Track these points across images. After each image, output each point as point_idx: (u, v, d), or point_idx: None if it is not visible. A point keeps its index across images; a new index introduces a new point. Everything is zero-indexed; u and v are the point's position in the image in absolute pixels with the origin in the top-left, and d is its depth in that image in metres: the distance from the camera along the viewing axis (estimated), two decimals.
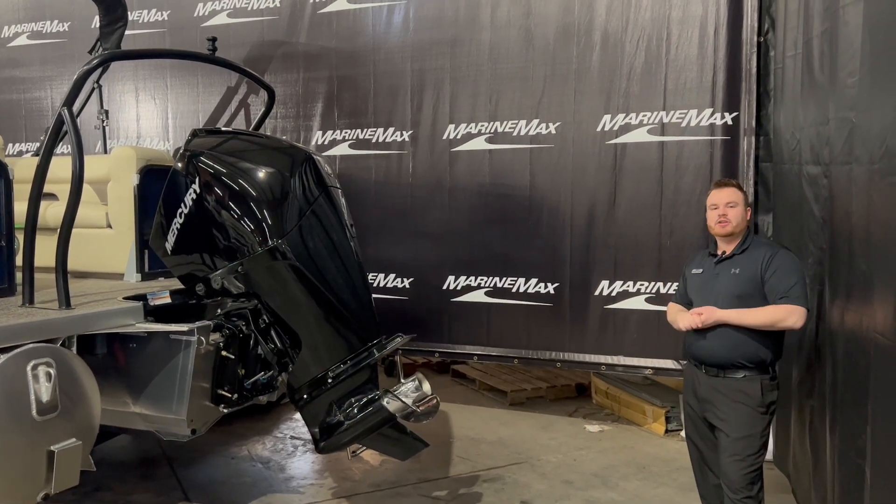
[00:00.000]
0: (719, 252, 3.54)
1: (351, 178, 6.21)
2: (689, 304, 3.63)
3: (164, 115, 6.98)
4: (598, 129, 5.43)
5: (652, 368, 5.36)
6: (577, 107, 5.49)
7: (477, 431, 5.89)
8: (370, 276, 6.17)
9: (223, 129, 4.26)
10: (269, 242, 3.71)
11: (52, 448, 3.20)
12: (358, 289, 3.93)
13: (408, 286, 6.11)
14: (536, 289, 5.69)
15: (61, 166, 4.03)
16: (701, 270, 3.59)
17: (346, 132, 6.26)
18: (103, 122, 6.22)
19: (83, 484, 3.68)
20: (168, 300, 4.04)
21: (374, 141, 6.17)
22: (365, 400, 3.82)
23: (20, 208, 3.84)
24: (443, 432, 5.87)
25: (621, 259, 5.40)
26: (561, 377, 6.95)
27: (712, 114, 5.12)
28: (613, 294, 5.44)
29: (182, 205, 3.82)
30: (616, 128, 5.38)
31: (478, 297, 5.88)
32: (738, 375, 3.34)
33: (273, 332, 3.93)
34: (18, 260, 3.82)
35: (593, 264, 5.50)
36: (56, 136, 3.75)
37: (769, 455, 4.91)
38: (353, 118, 6.23)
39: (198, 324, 3.74)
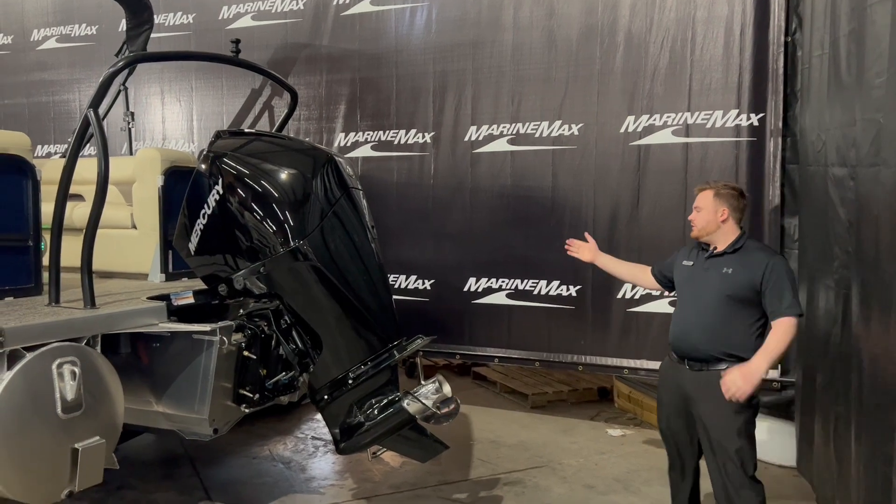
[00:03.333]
0: (710, 247, 3.52)
1: (373, 180, 6.23)
2: (668, 282, 3.78)
3: (188, 116, 7.05)
4: (622, 130, 5.39)
5: None
6: (600, 108, 5.46)
7: (497, 434, 5.87)
8: (391, 278, 6.18)
9: (246, 130, 4.29)
10: (291, 243, 3.73)
11: (76, 446, 3.24)
12: (379, 290, 3.94)
13: (429, 288, 6.11)
14: (558, 291, 5.66)
15: (87, 168, 4.09)
16: (691, 263, 3.57)
17: (368, 134, 6.28)
18: (129, 123, 6.29)
19: (107, 482, 3.73)
20: (191, 300, 4.07)
21: (395, 143, 6.17)
22: (385, 401, 3.82)
23: (47, 209, 3.90)
24: (463, 434, 5.86)
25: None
26: (582, 380, 6.91)
27: (738, 115, 5.06)
28: (637, 297, 5.40)
29: (205, 206, 3.84)
30: (640, 129, 5.34)
31: (499, 298, 5.86)
32: (722, 367, 3.31)
33: (294, 333, 3.94)
34: (45, 260, 3.88)
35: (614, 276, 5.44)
36: (82, 137, 3.80)
37: (793, 461, 4.86)
38: (376, 120, 6.24)
39: (220, 324, 3.76)
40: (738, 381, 3.18)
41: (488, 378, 7.38)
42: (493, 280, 5.88)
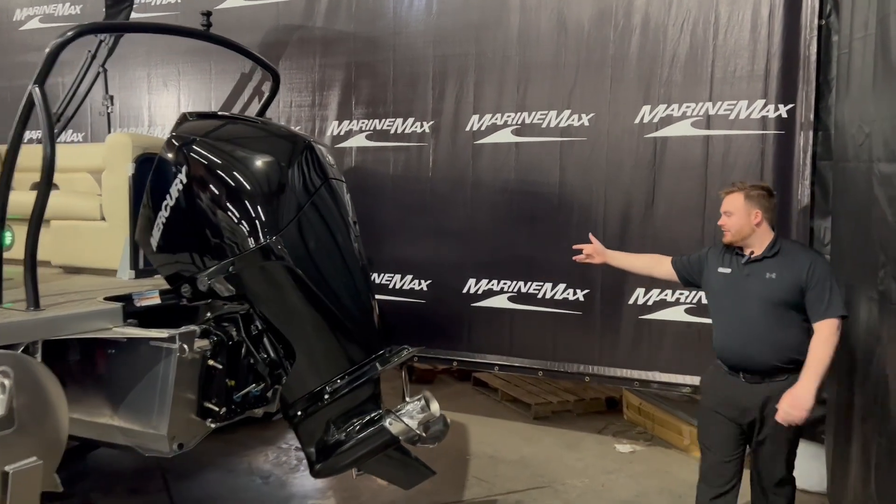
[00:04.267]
0: (746, 252, 3.37)
1: (367, 172, 5.83)
2: (689, 280, 3.64)
3: (175, 102, 6.64)
4: (636, 121, 4.94)
5: (690, 386, 4.86)
6: (612, 96, 5.00)
7: (496, 448, 5.44)
8: (385, 278, 5.78)
9: (216, 112, 3.89)
10: (262, 240, 3.31)
11: (6, 469, 2.83)
12: (360, 294, 3.52)
13: (425, 289, 5.69)
14: (564, 295, 5.22)
15: (65, 155, 3.68)
16: (729, 270, 3.40)
17: (363, 122, 5.85)
18: (108, 108, 5.88)
19: (66, 497, 3.42)
20: (157, 301, 3.67)
21: (392, 132, 5.75)
22: (366, 420, 3.41)
23: (16, 199, 3.48)
24: (459, 448, 5.43)
25: None
26: (590, 390, 6.46)
27: (765, 105, 4.60)
28: (650, 303, 4.95)
29: (168, 196, 3.43)
30: (656, 120, 4.88)
31: (500, 302, 5.43)
32: (781, 378, 3.22)
33: (266, 341, 3.53)
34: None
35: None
36: (26, 117, 3.38)
37: (821, 486, 4.43)
38: (371, 107, 5.81)
39: (181, 330, 3.34)
40: (789, 411, 3.10)
41: (490, 385, 6.95)
42: (494, 282, 5.44)
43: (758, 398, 3.26)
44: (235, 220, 3.32)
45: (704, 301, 4.71)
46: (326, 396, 3.39)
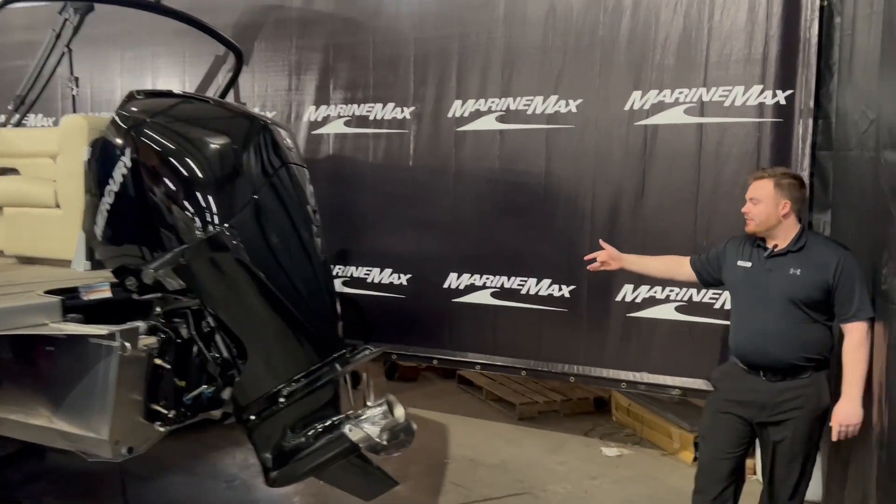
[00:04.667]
0: (768, 244, 3.21)
1: (345, 160, 5.57)
2: (710, 279, 3.49)
3: (150, 85, 6.34)
4: (626, 107, 4.66)
5: (680, 388, 4.59)
6: (602, 81, 4.72)
7: (477, 451, 5.18)
8: (364, 271, 5.51)
9: (165, 91, 3.63)
10: (210, 229, 3.04)
11: None
12: (320, 290, 3.25)
13: (405, 283, 5.42)
14: (549, 291, 4.95)
15: (23, 138, 3.41)
16: (749, 264, 3.24)
17: (341, 108, 5.57)
18: (73, 89, 5.61)
19: (13, 500, 3.28)
20: (108, 294, 3.41)
21: (371, 118, 5.47)
22: (324, 425, 3.15)
23: None
24: (438, 449, 5.17)
25: None
26: (577, 390, 6.19)
27: (762, 91, 4.31)
28: (638, 300, 4.68)
29: (111, 181, 3.16)
30: (647, 106, 4.60)
31: (482, 297, 5.16)
32: (804, 376, 3.11)
33: (218, 339, 3.26)
34: None
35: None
36: None
37: (818, 496, 4.18)
38: (350, 92, 5.54)
39: (123, 326, 3.08)
40: (842, 429, 3.00)
41: (475, 383, 6.68)
42: (477, 276, 5.17)
43: (778, 396, 3.13)
44: (181, 208, 3.06)
45: (696, 299, 4.53)
46: (282, 399, 3.13)
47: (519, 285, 5.04)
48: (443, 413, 6.00)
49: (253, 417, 3.17)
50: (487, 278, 5.13)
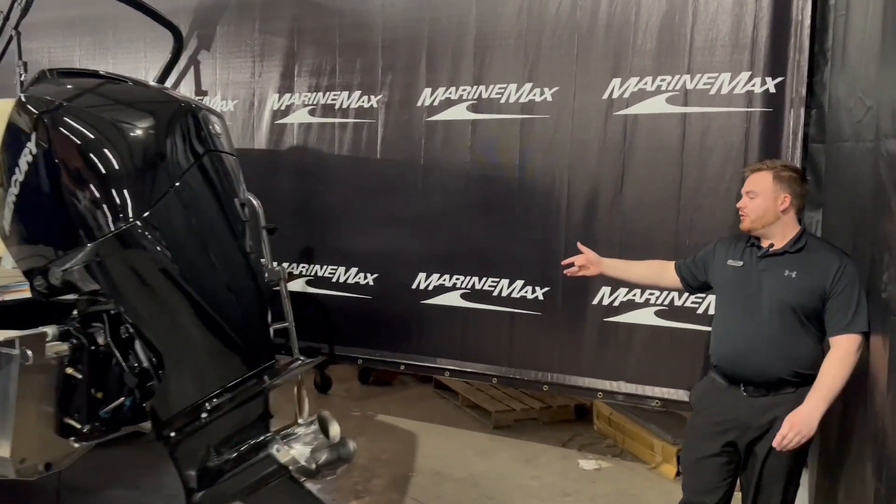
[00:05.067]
0: (763, 244, 2.95)
1: (310, 151, 5.25)
2: (698, 284, 3.21)
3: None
4: (605, 96, 4.32)
5: (659, 399, 4.26)
6: (579, 68, 4.39)
7: (446, 463, 4.85)
8: (329, 270, 5.19)
9: (79, 70, 3.30)
10: (121, 224, 2.70)
11: None
12: (248, 293, 2.91)
13: (371, 283, 5.09)
14: (522, 293, 4.62)
15: None
16: (741, 263, 2.97)
17: (305, 96, 5.24)
18: (21, 75, 5.27)
19: None
20: (27, 294, 3.09)
21: (337, 107, 5.14)
22: (251, 444, 2.82)
23: None
24: (404, 462, 4.85)
25: (628, 260, 4.27)
26: (558, 396, 5.85)
27: (750, 79, 3.98)
28: (616, 304, 4.35)
29: (17, 169, 2.83)
30: (627, 95, 4.26)
31: (452, 299, 4.83)
32: (789, 391, 2.82)
33: (138, 346, 2.92)
34: None
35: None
36: None
37: None
38: (315, 79, 5.20)
39: (24, 332, 2.75)
40: (787, 433, 2.69)
41: (452, 388, 6.35)
42: (447, 277, 4.84)
43: (761, 414, 2.86)
44: (91, 201, 2.72)
45: (678, 303, 4.19)
46: (205, 414, 2.80)
47: (490, 286, 4.72)
48: (415, 420, 5.68)
49: (173, 434, 2.84)
50: (457, 279, 4.81)
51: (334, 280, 5.19)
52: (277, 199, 5.28)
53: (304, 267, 5.29)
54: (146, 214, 2.70)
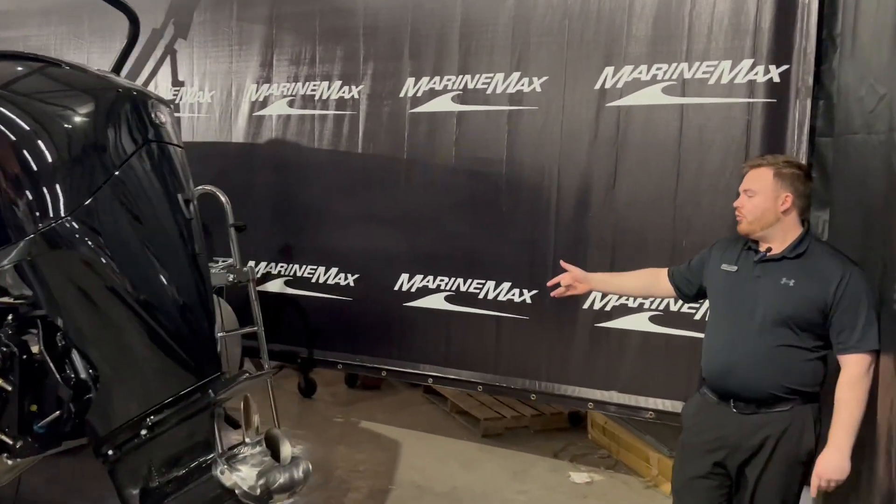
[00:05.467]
0: (761, 248, 2.69)
1: (288, 145, 4.99)
2: (692, 293, 2.93)
3: (84, 61, 5.74)
4: (597, 86, 4.04)
5: (654, 411, 3.98)
6: (569, 56, 4.11)
7: (428, 475, 4.59)
8: (308, 270, 4.93)
9: (10, 52, 3.04)
10: (50, 220, 2.45)
11: None
12: (190, 299, 2.64)
13: (352, 284, 4.83)
14: (509, 296, 4.35)
15: None
16: (735, 268, 2.73)
17: (284, 86, 4.98)
18: None
19: None
20: None
21: (317, 98, 4.88)
22: (194, 464, 2.56)
23: None
24: (385, 474, 4.58)
25: (621, 262, 3.97)
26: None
27: (753, 67, 3.69)
28: (608, 308, 4.07)
29: None
30: (620, 85, 3.98)
31: (436, 302, 4.56)
32: (783, 409, 2.58)
33: (76, 356, 2.67)
34: None
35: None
36: None
37: None
38: (294, 68, 4.94)
39: None
40: (822, 483, 2.47)
41: (441, 393, 6.07)
42: (430, 278, 4.58)
43: (752, 433, 2.61)
44: (16, 195, 2.47)
45: (673, 308, 3.91)
46: (145, 431, 2.54)
47: (476, 289, 4.45)
48: (400, 428, 5.42)
49: (111, 452, 2.58)
50: (442, 280, 4.54)
51: (314, 280, 4.94)
52: (256, 194, 5.06)
53: (282, 266, 5.04)
54: (77, 210, 2.45)
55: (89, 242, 2.47)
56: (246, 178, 5.06)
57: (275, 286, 5.05)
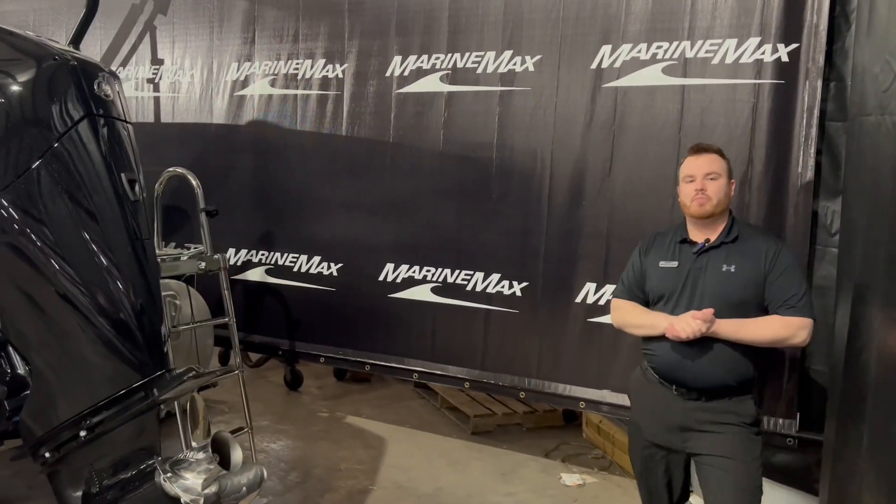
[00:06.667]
0: (698, 240, 2.72)
1: (269, 127, 4.76)
2: (645, 303, 2.84)
3: (63, 40, 5.55)
4: (593, 66, 3.80)
5: None
6: (564, 33, 3.86)
7: (412, 475, 4.36)
8: (290, 259, 4.70)
9: None
10: None
11: None
12: (132, 288, 2.41)
13: (335, 274, 4.61)
14: (498, 288, 4.12)
15: None
16: (675, 264, 2.75)
17: (266, 65, 4.75)
18: None
19: None
20: None
21: (300, 77, 4.64)
22: (137, 470, 2.34)
23: None
24: (367, 473, 4.36)
25: (616, 253, 3.75)
26: None
27: (759, 45, 3.43)
28: (601, 303, 3.83)
29: None
30: (618, 64, 3.74)
31: (422, 293, 4.34)
32: (725, 398, 2.64)
33: (11, 350, 2.46)
34: None
35: (577, 259, 3.89)
36: None
37: None
38: (276, 45, 4.71)
39: None
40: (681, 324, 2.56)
41: (432, 387, 5.86)
42: (416, 268, 4.35)
43: (692, 418, 2.65)
44: None
45: None
46: (83, 432, 2.32)
47: (464, 280, 4.22)
48: (387, 424, 5.20)
49: (48, 455, 2.36)
50: (428, 271, 4.31)
51: (295, 269, 4.72)
52: (236, 178, 4.87)
53: (263, 254, 4.82)
54: (5, 189, 2.21)
55: (19, 225, 2.24)
56: (226, 161, 4.85)
57: (255, 275, 4.83)
